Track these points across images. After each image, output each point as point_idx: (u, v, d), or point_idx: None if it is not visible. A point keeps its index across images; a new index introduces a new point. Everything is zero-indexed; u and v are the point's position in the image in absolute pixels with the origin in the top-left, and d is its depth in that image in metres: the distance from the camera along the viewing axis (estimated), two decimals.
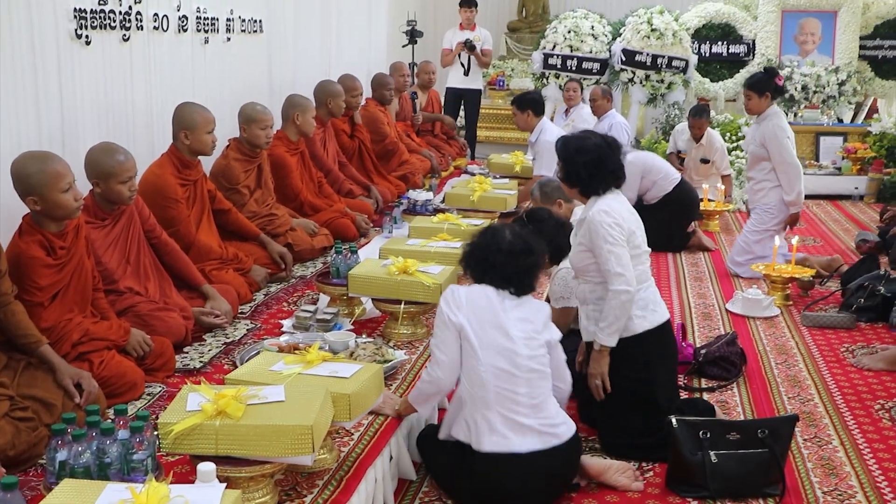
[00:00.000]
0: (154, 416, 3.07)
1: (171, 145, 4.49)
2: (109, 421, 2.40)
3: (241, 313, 4.31)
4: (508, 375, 2.98)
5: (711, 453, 3.20)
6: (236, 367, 3.51)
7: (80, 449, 2.26)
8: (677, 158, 8.47)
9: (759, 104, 6.01)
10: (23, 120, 3.81)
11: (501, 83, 11.97)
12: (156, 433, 2.44)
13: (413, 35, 9.33)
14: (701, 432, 3.24)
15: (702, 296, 5.73)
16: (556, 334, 3.20)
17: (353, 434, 3.01)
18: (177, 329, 3.75)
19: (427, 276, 3.93)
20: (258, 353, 3.59)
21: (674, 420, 3.25)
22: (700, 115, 8.02)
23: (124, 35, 4.53)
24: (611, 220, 3.43)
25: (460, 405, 3.08)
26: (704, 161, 8.08)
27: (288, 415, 2.45)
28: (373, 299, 4.10)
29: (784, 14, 10.06)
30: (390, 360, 3.50)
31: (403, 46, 9.37)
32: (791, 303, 5.51)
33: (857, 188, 9.09)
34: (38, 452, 2.74)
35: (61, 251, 3.27)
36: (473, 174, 7.44)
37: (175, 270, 4.10)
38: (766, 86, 5.96)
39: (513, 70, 12.39)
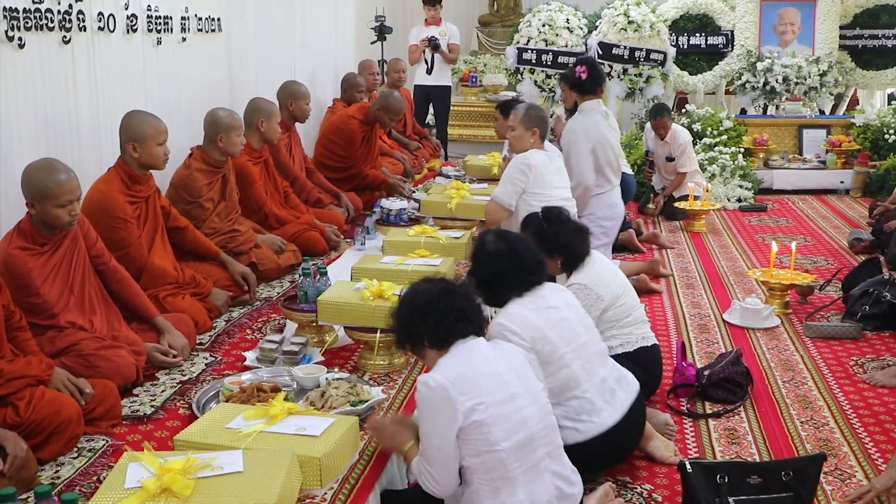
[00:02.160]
0: (94, 481, 2.66)
1: (118, 159, 4.06)
2: None
3: (200, 344, 3.88)
4: (527, 444, 2.52)
5: (731, 500, 2.85)
6: (192, 411, 3.11)
7: None
8: (646, 160, 8.09)
9: (569, 96, 5.76)
10: None
11: (474, 79, 11.58)
12: None
13: (382, 31, 8.92)
14: (718, 476, 2.88)
15: (696, 305, 5.38)
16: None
17: (325, 497, 2.61)
18: (126, 369, 3.33)
19: None
20: (217, 392, 3.23)
21: (688, 464, 2.90)
22: (659, 114, 7.54)
23: (64, 37, 4.10)
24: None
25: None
26: (670, 159, 7.65)
27: (246, 490, 2.07)
28: (345, 327, 3.70)
29: (763, 4, 9.76)
30: (366, 401, 3.11)
31: (372, 43, 8.96)
32: (791, 311, 5.18)
33: (842, 182, 8.86)
34: None
35: None
36: (449, 177, 7.06)
37: (124, 300, 3.69)
38: (567, 78, 5.73)
39: (485, 66, 12.00)
